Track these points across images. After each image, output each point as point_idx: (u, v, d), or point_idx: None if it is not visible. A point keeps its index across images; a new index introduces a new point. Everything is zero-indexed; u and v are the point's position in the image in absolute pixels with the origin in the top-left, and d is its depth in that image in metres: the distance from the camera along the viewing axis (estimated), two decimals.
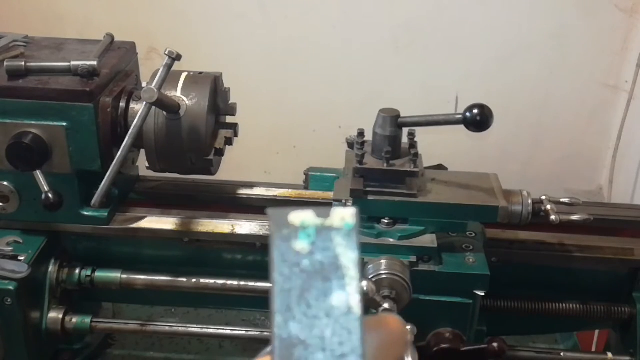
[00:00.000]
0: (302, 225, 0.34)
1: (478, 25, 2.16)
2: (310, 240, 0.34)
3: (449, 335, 1.28)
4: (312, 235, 0.34)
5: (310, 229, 0.34)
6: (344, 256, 0.34)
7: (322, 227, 0.34)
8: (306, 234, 0.34)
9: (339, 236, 0.34)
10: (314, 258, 0.34)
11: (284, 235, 0.34)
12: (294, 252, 0.34)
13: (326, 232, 0.34)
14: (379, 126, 1.26)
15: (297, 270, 0.34)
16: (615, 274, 1.48)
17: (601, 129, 2.27)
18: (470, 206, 1.26)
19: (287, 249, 0.34)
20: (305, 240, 0.34)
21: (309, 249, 0.34)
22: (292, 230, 0.34)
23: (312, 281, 0.34)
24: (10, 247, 1.39)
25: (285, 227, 0.34)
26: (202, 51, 2.11)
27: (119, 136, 1.35)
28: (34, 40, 1.53)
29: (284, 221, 0.34)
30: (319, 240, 0.34)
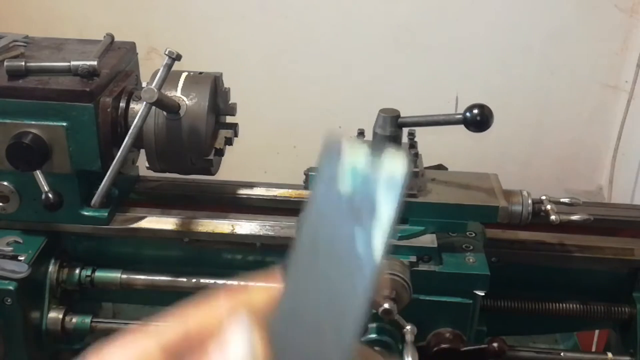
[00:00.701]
0: (352, 165, 0.34)
1: (478, 25, 2.16)
2: (355, 183, 0.33)
3: (449, 335, 1.28)
4: (358, 177, 0.33)
5: (358, 171, 0.33)
6: (382, 204, 0.33)
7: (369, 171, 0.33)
8: (353, 173, 0.33)
9: (384, 183, 0.33)
10: (352, 198, 0.33)
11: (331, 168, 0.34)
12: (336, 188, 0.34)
13: (372, 177, 0.33)
14: (379, 126, 1.26)
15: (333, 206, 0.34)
16: (615, 274, 1.48)
17: (601, 129, 2.27)
18: (470, 206, 1.26)
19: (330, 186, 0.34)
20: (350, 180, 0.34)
21: (351, 189, 0.34)
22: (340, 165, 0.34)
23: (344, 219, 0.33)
24: (10, 247, 1.39)
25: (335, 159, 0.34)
26: (202, 51, 2.11)
27: (119, 136, 1.35)
28: (34, 40, 1.53)
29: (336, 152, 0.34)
30: (363, 182, 0.33)
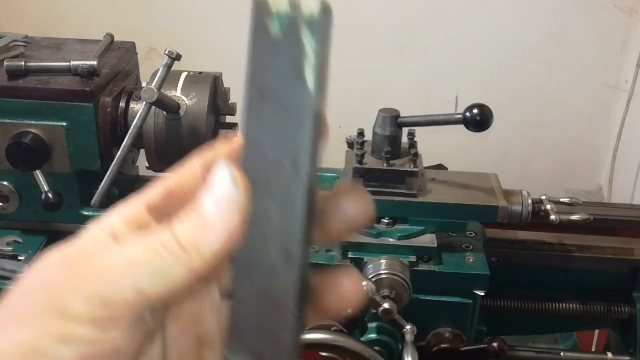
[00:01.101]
0: (277, 12, 0.37)
1: (478, 25, 2.16)
2: (282, 26, 0.37)
3: (449, 335, 1.28)
4: (284, 21, 0.37)
5: (283, 16, 0.37)
6: (307, 44, 0.37)
7: (292, 16, 0.37)
8: (279, 19, 0.37)
9: (306, 25, 0.37)
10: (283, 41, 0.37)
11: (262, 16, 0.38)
12: (268, 33, 0.38)
13: (295, 20, 0.37)
14: (379, 126, 1.26)
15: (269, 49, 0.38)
16: (615, 274, 1.48)
17: (601, 129, 2.27)
18: (470, 206, 1.26)
19: (263, 31, 0.38)
20: (277, 25, 0.37)
21: (281, 33, 0.37)
22: (268, 13, 0.37)
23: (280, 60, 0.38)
24: (10, 247, 1.39)
25: (264, 12, 0.38)
26: (202, 51, 2.11)
27: (119, 136, 1.35)
28: (34, 40, 1.53)
29: (263, 4, 0.38)
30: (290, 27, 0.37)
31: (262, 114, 0.39)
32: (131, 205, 0.45)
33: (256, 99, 0.39)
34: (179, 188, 0.45)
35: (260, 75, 0.39)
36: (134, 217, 0.44)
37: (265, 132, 0.39)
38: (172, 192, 0.45)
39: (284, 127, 0.38)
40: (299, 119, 0.38)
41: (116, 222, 0.44)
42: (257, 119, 0.39)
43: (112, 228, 0.43)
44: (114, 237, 0.42)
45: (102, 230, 0.44)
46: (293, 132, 0.38)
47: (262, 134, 0.39)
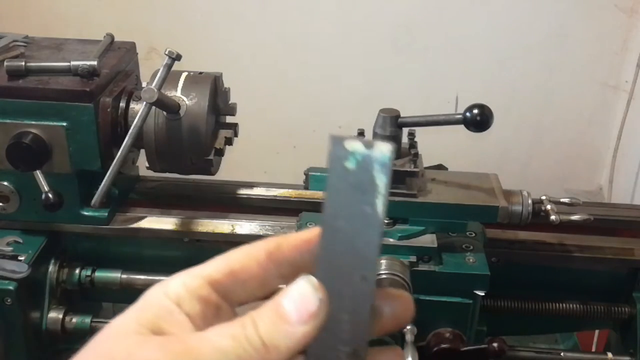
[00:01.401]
0: (353, 151, 0.45)
1: (478, 25, 2.16)
2: (357, 163, 0.45)
3: (449, 335, 1.28)
4: (359, 159, 0.45)
5: (357, 155, 0.45)
6: (378, 178, 0.45)
7: (366, 155, 0.45)
8: (354, 157, 0.45)
9: (377, 164, 0.45)
10: (357, 175, 0.45)
11: (338, 155, 0.45)
12: (344, 169, 0.45)
13: (369, 159, 0.45)
14: (379, 126, 1.26)
15: (344, 182, 0.45)
16: (615, 274, 1.48)
17: (601, 129, 2.27)
18: (470, 206, 1.26)
19: (339, 166, 0.45)
20: (353, 162, 0.45)
21: (355, 169, 0.45)
22: (345, 152, 0.45)
23: (354, 191, 0.45)
24: (10, 247, 1.39)
25: (341, 149, 0.45)
26: (202, 51, 2.11)
27: (119, 136, 1.35)
28: (34, 40, 1.53)
29: (340, 145, 0.45)
30: (363, 164, 0.45)
31: (336, 234, 0.46)
32: (194, 276, 0.50)
33: (331, 220, 0.46)
34: (241, 268, 0.50)
35: (336, 201, 0.46)
36: (197, 289, 0.49)
37: (338, 249, 0.46)
38: (234, 271, 0.50)
39: (355, 246, 0.46)
40: (368, 241, 0.45)
41: (180, 291, 0.48)
42: (331, 237, 0.46)
43: (177, 296, 0.48)
44: (178, 305, 0.48)
45: (167, 297, 0.48)
46: (363, 251, 0.46)
47: (335, 251, 0.46)
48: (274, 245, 0.51)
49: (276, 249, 0.50)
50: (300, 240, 0.51)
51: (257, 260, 0.50)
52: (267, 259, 0.50)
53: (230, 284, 0.50)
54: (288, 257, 0.51)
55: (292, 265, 0.51)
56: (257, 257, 0.50)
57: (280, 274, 0.51)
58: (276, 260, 0.51)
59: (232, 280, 0.50)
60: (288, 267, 0.51)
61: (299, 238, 0.51)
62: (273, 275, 0.51)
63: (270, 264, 0.50)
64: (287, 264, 0.51)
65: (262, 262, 0.50)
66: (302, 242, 0.51)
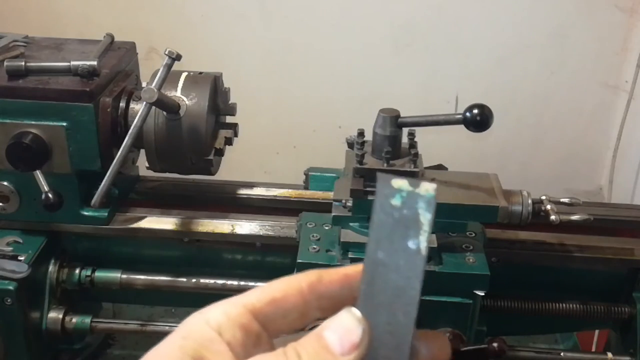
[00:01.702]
0: (399, 189, 0.47)
1: (478, 25, 2.16)
2: (402, 200, 0.47)
3: (449, 335, 1.28)
4: (404, 196, 0.47)
5: (404, 192, 0.47)
6: (422, 215, 0.46)
7: (412, 193, 0.47)
8: (400, 195, 0.47)
9: (422, 201, 0.46)
10: (402, 212, 0.47)
11: (385, 193, 0.47)
12: (390, 205, 0.47)
13: (414, 197, 0.47)
14: (379, 126, 1.26)
15: (390, 218, 0.47)
16: (615, 274, 1.48)
17: (601, 129, 2.27)
18: (470, 206, 1.25)
19: (386, 202, 0.47)
20: (399, 199, 0.47)
21: (400, 205, 0.47)
22: (392, 190, 0.47)
23: (398, 227, 0.47)
24: (10, 247, 1.39)
25: (388, 187, 0.47)
26: (202, 51, 2.11)
27: (119, 136, 1.35)
28: (34, 40, 1.53)
29: (387, 183, 0.47)
30: (408, 201, 0.47)
31: (379, 268, 0.47)
32: (235, 304, 0.50)
33: (375, 255, 0.47)
34: (283, 297, 0.51)
35: (380, 236, 0.47)
36: (238, 317, 0.49)
37: (380, 283, 0.47)
38: (276, 299, 0.51)
39: (397, 282, 0.47)
40: (411, 276, 0.46)
41: (221, 319, 0.49)
42: (374, 272, 0.48)
43: (218, 324, 0.48)
44: (219, 333, 0.48)
45: (209, 325, 0.48)
46: (405, 287, 0.47)
47: (377, 285, 0.47)
48: (316, 277, 0.52)
49: (317, 281, 0.51)
50: (341, 274, 0.52)
51: (298, 290, 0.51)
52: (308, 290, 0.51)
53: (272, 312, 0.50)
54: (329, 290, 0.51)
55: (332, 299, 0.51)
56: (299, 287, 0.51)
57: (319, 306, 0.51)
58: (317, 292, 0.51)
59: (274, 309, 0.50)
60: (328, 300, 0.51)
61: (341, 272, 0.52)
62: (313, 307, 0.51)
63: (310, 296, 0.51)
64: (327, 297, 0.51)
65: (303, 293, 0.51)
66: (344, 277, 0.52)
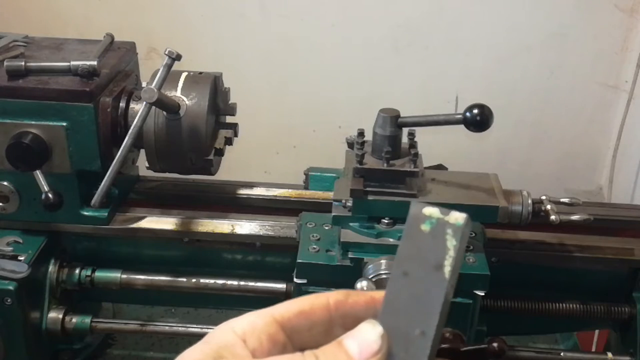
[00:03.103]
0: (429, 216, 0.49)
1: (478, 25, 2.16)
2: (432, 226, 0.49)
3: (449, 335, 1.27)
4: (434, 223, 0.49)
5: (434, 219, 0.49)
6: (449, 241, 0.48)
7: (441, 220, 0.49)
8: (430, 221, 0.49)
9: (450, 229, 0.48)
10: (430, 237, 0.49)
11: (416, 218, 0.49)
12: (419, 229, 0.49)
13: (443, 224, 0.49)
14: (379, 126, 1.26)
15: (418, 242, 0.49)
16: (615, 274, 1.48)
17: (601, 129, 2.27)
18: (470, 206, 1.25)
19: (416, 227, 0.49)
20: (428, 225, 0.49)
21: (429, 231, 0.49)
22: (422, 216, 0.49)
23: (425, 251, 0.49)
24: (10, 247, 1.39)
25: (419, 214, 0.49)
26: (202, 51, 2.11)
27: (119, 136, 1.35)
28: (34, 40, 1.53)
29: (419, 210, 0.49)
30: (437, 227, 0.49)
31: (402, 289, 0.49)
32: (263, 315, 0.52)
33: (400, 276, 0.49)
34: (311, 309, 0.53)
35: (407, 258, 0.49)
36: (266, 326, 0.51)
37: (403, 303, 0.49)
38: (304, 311, 0.53)
39: (419, 302, 0.49)
40: (432, 300, 0.48)
41: (247, 327, 0.50)
42: (397, 291, 0.49)
43: (243, 332, 0.50)
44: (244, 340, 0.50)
45: (234, 332, 0.50)
46: (426, 309, 0.48)
47: (400, 304, 0.49)
48: (343, 296, 0.53)
49: (344, 300, 0.53)
50: (368, 296, 0.54)
51: (325, 305, 0.53)
52: (335, 307, 0.53)
53: (298, 324, 0.52)
54: (354, 309, 0.53)
55: (356, 319, 0.52)
56: (326, 302, 0.53)
57: (344, 324, 0.53)
58: (342, 311, 0.53)
59: (301, 320, 0.52)
60: (352, 319, 0.52)
61: (368, 295, 0.54)
62: (337, 324, 0.53)
63: (336, 313, 0.53)
64: (352, 316, 0.53)
65: (329, 309, 0.53)
66: (370, 299, 0.54)
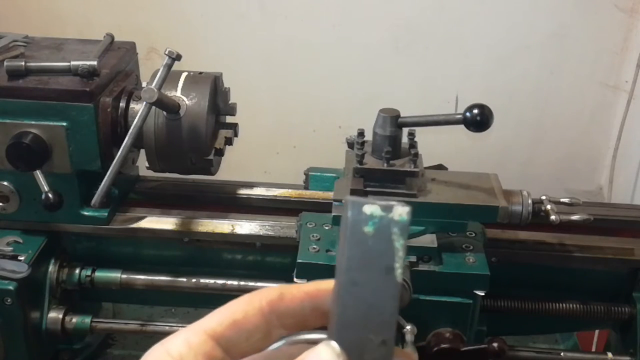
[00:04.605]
0: (371, 215, 0.45)
1: (478, 25, 2.16)
2: (375, 227, 0.45)
3: (449, 335, 1.28)
4: (377, 223, 0.45)
5: (376, 219, 0.45)
6: (397, 241, 0.45)
7: (384, 218, 0.45)
8: (373, 222, 0.45)
9: (396, 227, 0.45)
10: (375, 239, 0.45)
11: (357, 219, 0.45)
12: (363, 233, 0.45)
13: (387, 222, 0.45)
14: (379, 126, 1.26)
15: (362, 245, 0.45)
16: (615, 274, 1.48)
17: (601, 129, 2.27)
18: (470, 206, 1.26)
19: (358, 231, 0.45)
20: (372, 227, 0.45)
21: (373, 233, 0.45)
22: (363, 217, 0.45)
23: (372, 255, 0.45)
24: (10, 247, 1.39)
25: (359, 214, 0.45)
26: (202, 51, 2.11)
27: (119, 136, 1.35)
28: (34, 40, 1.53)
29: (359, 209, 0.45)
30: (381, 227, 0.45)
31: (354, 300, 0.46)
32: (196, 331, 0.48)
33: (349, 286, 0.46)
34: (244, 318, 0.49)
35: (354, 266, 0.46)
36: (200, 345, 0.47)
37: (356, 314, 0.46)
38: (237, 321, 0.49)
39: (373, 311, 0.46)
40: (387, 306, 0.46)
41: (182, 349, 0.47)
42: (348, 302, 0.46)
43: (179, 355, 0.46)
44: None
45: (170, 356, 0.46)
46: (382, 316, 0.46)
47: (354, 316, 0.46)
48: (276, 295, 0.50)
49: (278, 299, 0.50)
50: (303, 292, 0.50)
51: (259, 309, 0.49)
52: (269, 309, 0.49)
53: (234, 335, 0.48)
54: (290, 308, 0.50)
55: (294, 317, 0.50)
56: (260, 306, 0.49)
57: (282, 324, 0.50)
58: (278, 311, 0.50)
59: (236, 332, 0.48)
60: (290, 318, 0.50)
61: (302, 290, 0.50)
62: (275, 325, 0.50)
63: (272, 315, 0.49)
64: (289, 314, 0.50)
65: (264, 312, 0.49)
66: (305, 295, 0.50)
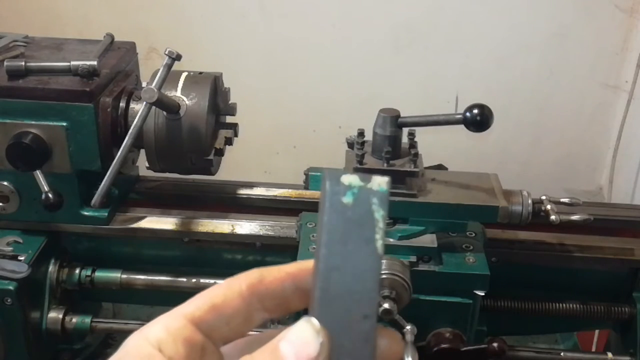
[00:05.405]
0: (349, 185, 0.44)
1: (478, 25, 2.16)
2: (354, 197, 0.44)
3: (449, 335, 1.28)
4: (356, 193, 0.44)
5: (355, 189, 0.44)
6: (376, 212, 0.44)
7: (363, 188, 0.44)
8: (352, 192, 0.44)
9: (375, 197, 0.44)
10: (354, 210, 0.44)
11: (335, 190, 0.44)
12: (341, 204, 0.44)
13: (366, 193, 0.44)
14: (379, 126, 1.26)
15: (342, 217, 0.44)
16: (615, 274, 1.48)
17: (601, 129, 2.27)
18: (470, 206, 1.26)
19: (336, 201, 0.44)
20: (350, 197, 0.44)
21: (352, 203, 0.44)
22: (342, 187, 0.44)
23: (352, 226, 0.44)
24: (10, 247, 1.39)
25: (337, 184, 0.44)
26: (202, 51, 2.11)
27: (119, 136, 1.35)
28: (34, 40, 1.53)
29: (336, 180, 0.44)
30: (360, 198, 0.44)
31: (334, 272, 0.44)
32: (175, 317, 0.47)
33: (328, 257, 0.44)
34: (223, 302, 0.48)
35: (333, 237, 0.44)
36: (180, 330, 0.46)
37: (337, 289, 0.45)
38: (216, 305, 0.48)
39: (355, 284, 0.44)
40: (368, 279, 0.44)
41: (161, 334, 0.45)
42: (329, 276, 0.45)
43: (158, 340, 0.45)
44: (160, 350, 0.44)
45: (148, 342, 0.45)
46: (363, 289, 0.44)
47: (335, 291, 0.45)
48: (256, 277, 0.49)
49: (259, 282, 0.49)
50: (284, 273, 0.49)
51: (239, 293, 0.48)
52: (249, 292, 0.48)
53: (214, 319, 0.47)
54: (271, 290, 0.49)
55: (275, 299, 0.49)
56: (239, 290, 0.48)
57: (263, 307, 0.49)
58: (258, 294, 0.48)
59: (216, 316, 0.47)
60: (271, 300, 0.49)
61: (283, 271, 0.49)
62: (256, 308, 0.49)
63: (252, 298, 0.48)
64: (270, 297, 0.49)
65: (244, 295, 0.48)
66: (286, 275, 0.49)
